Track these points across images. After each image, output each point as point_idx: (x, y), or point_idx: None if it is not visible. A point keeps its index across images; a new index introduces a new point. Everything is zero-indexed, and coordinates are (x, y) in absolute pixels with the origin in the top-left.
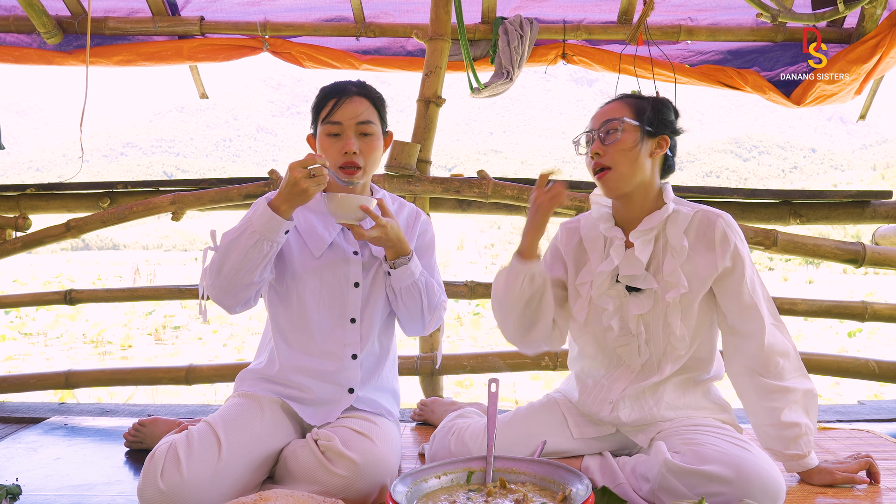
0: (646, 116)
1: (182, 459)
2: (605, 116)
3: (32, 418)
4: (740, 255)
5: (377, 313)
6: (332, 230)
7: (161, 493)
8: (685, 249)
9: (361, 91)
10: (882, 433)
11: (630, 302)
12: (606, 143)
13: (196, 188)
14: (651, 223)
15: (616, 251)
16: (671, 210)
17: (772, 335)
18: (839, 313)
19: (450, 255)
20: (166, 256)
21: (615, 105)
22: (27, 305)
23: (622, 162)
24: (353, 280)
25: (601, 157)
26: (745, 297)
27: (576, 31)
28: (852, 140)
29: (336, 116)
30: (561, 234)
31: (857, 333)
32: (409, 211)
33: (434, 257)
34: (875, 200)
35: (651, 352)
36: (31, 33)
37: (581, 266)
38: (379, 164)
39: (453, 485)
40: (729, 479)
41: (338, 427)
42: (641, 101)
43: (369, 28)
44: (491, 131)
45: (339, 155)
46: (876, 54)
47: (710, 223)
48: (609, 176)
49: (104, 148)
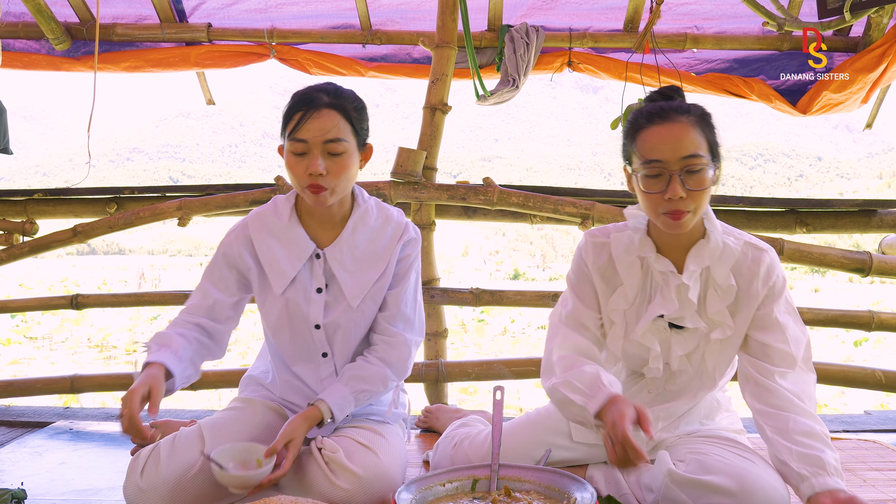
0: (717, 147)
1: (162, 459)
2: (684, 150)
3: (38, 422)
4: (776, 294)
5: (349, 347)
6: (295, 262)
7: (140, 490)
8: (733, 289)
9: (333, 102)
10: (888, 443)
11: (673, 341)
12: (691, 187)
13: (202, 194)
14: (701, 261)
15: (674, 292)
16: (720, 245)
17: (796, 378)
18: (846, 322)
19: (454, 262)
20: (171, 262)
21: (690, 131)
22: (33, 310)
23: (702, 205)
24: (313, 322)
25: (684, 200)
26: (776, 335)
27: (582, 39)
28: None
29: (301, 133)
30: (588, 249)
31: (863, 343)
32: (394, 227)
33: (409, 285)
34: (882, 209)
35: (678, 382)
36: (40, 39)
37: (611, 287)
38: (353, 181)
39: (458, 492)
40: (732, 491)
41: (343, 437)
42: (706, 123)
43: (376, 35)
44: (496, 138)
45: (304, 175)
46: (882, 63)
47: (755, 260)
48: (686, 220)
49: (111, 153)
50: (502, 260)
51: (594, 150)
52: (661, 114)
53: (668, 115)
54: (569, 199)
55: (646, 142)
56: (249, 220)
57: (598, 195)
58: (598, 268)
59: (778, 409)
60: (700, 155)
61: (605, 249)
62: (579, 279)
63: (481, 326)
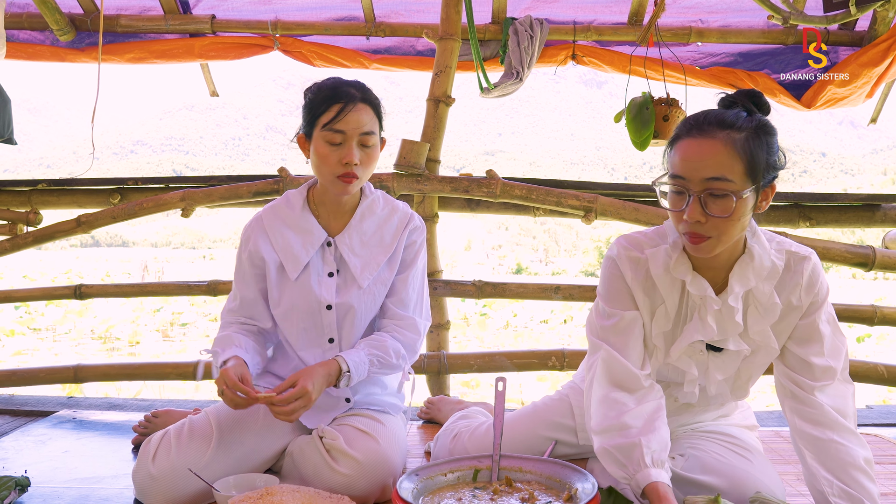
0: (761, 170)
1: (174, 447)
2: (708, 171)
3: (41, 412)
4: (819, 303)
5: (356, 332)
6: (308, 249)
7: (151, 477)
8: (777, 308)
9: (365, 98)
10: (890, 437)
11: (711, 364)
12: (712, 212)
13: (206, 185)
14: (746, 282)
15: (713, 317)
16: (766, 264)
17: (835, 391)
18: (848, 317)
19: (457, 256)
20: (175, 254)
21: (721, 150)
22: (37, 300)
23: (727, 232)
24: (325, 303)
25: (702, 225)
26: (816, 347)
27: (586, 32)
28: (863, 144)
29: (340, 125)
30: (624, 263)
31: (866, 339)
32: (401, 216)
33: (416, 272)
34: (885, 204)
35: (707, 396)
36: (44, 30)
37: (654, 303)
38: (374, 171)
39: (459, 482)
40: (724, 492)
41: (343, 426)
42: (752, 142)
43: (379, 27)
44: (500, 132)
45: (338, 164)
46: (888, 57)
47: (798, 270)
48: (706, 246)
49: (114, 146)
50: (505, 254)
51: (598, 145)
52: (699, 125)
53: (706, 127)
54: (572, 191)
55: (676, 154)
56: (263, 214)
57: (601, 188)
58: (637, 283)
59: (819, 427)
60: (726, 178)
61: (643, 266)
62: (617, 290)
63: (484, 320)
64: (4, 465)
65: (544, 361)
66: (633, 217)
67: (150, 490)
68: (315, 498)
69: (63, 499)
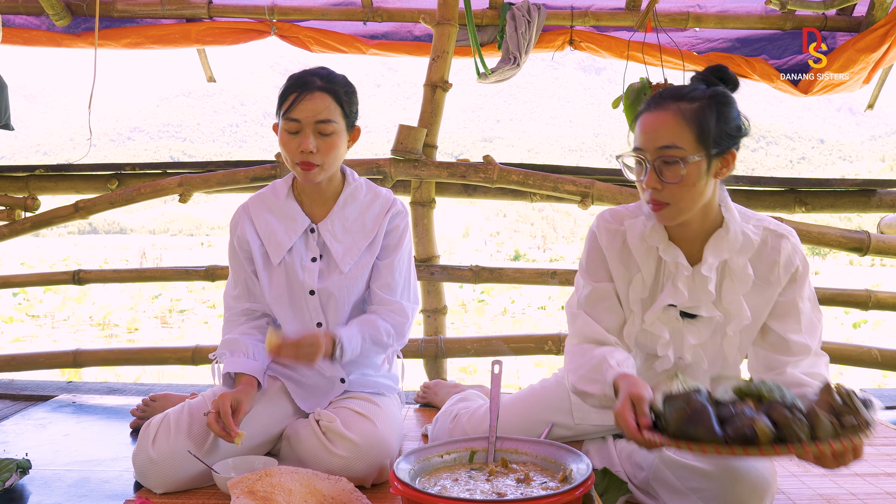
0: (711, 137)
1: (173, 430)
2: (660, 140)
3: (41, 396)
4: (798, 280)
5: (341, 316)
6: (292, 234)
7: (151, 460)
8: (750, 279)
9: (325, 86)
10: (884, 420)
11: (685, 330)
12: (666, 179)
13: (203, 170)
14: (719, 253)
15: (683, 283)
16: (740, 237)
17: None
18: (843, 301)
19: (455, 243)
20: (173, 241)
21: (670, 120)
22: (35, 285)
23: (684, 198)
24: (307, 288)
25: (659, 192)
26: (793, 324)
27: (583, 18)
28: (861, 131)
29: (294, 113)
30: (602, 235)
31: (862, 325)
32: (382, 202)
33: (401, 257)
34: (881, 189)
35: (697, 374)
36: (40, 15)
37: (629, 272)
38: (341, 160)
39: (456, 464)
40: (716, 476)
41: (339, 408)
42: (702, 111)
43: (377, 12)
44: (497, 119)
45: (296, 152)
46: (885, 43)
47: (775, 247)
48: (667, 212)
49: (111, 132)
50: (503, 241)
51: (596, 132)
52: (655, 100)
53: (661, 101)
54: (568, 177)
55: (637, 128)
56: (250, 202)
57: (597, 174)
58: (613, 254)
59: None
60: (676, 146)
61: (620, 236)
62: (595, 262)
63: (481, 307)
64: (5, 449)
65: (541, 346)
66: (629, 202)
67: (150, 472)
68: (313, 479)
69: (64, 481)
